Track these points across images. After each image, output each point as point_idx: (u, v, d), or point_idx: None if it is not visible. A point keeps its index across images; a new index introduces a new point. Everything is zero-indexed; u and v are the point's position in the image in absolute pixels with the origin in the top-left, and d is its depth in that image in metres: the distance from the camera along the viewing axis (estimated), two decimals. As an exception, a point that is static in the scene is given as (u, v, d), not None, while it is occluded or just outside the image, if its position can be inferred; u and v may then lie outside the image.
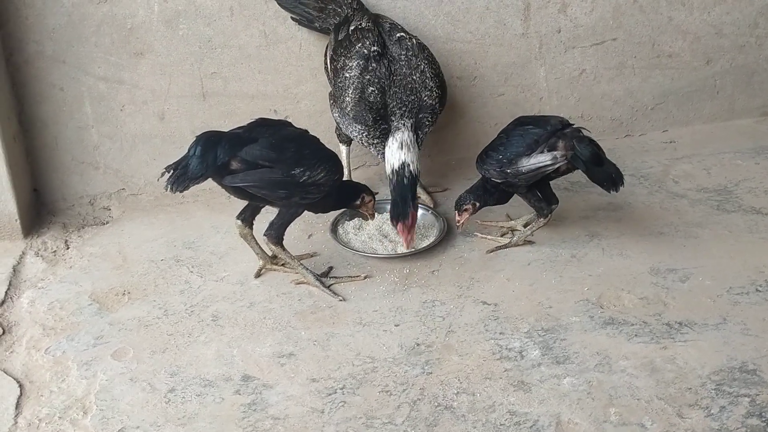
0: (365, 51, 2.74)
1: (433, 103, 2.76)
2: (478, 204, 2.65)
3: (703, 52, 3.50)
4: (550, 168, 2.48)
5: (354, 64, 2.74)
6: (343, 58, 2.79)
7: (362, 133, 2.75)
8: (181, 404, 2.10)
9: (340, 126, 2.89)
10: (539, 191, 2.63)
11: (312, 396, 2.12)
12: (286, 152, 2.33)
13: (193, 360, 2.26)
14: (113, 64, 2.97)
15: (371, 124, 2.71)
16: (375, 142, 2.74)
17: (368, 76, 2.71)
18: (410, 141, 2.70)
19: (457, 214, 2.68)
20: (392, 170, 2.68)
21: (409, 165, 2.66)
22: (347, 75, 2.75)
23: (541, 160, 2.47)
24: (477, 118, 3.36)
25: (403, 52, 2.77)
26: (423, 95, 2.74)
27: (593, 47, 3.37)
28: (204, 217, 3.00)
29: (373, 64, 2.72)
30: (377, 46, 2.75)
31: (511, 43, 3.28)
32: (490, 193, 2.66)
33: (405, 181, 2.65)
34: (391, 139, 2.71)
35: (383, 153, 2.73)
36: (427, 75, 2.76)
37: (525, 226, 2.80)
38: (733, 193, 3.07)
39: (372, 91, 2.70)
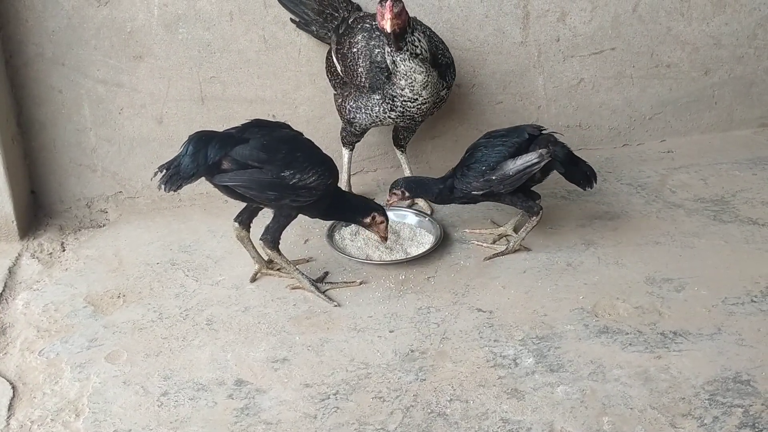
0: (367, 25, 2.78)
1: (448, 62, 2.79)
2: (407, 194, 2.75)
3: (701, 62, 3.51)
4: (537, 167, 2.55)
5: (359, 38, 2.77)
6: (347, 40, 2.81)
7: (382, 102, 2.72)
8: (174, 408, 2.10)
9: (357, 117, 2.84)
10: (523, 193, 2.68)
11: (305, 401, 2.12)
12: (277, 154, 2.33)
13: (187, 364, 2.26)
14: (112, 68, 2.98)
15: (386, 81, 2.69)
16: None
17: (374, 42, 2.73)
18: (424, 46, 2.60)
19: (388, 194, 2.78)
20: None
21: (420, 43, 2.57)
22: (354, 50, 2.77)
23: (528, 159, 2.55)
24: (476, 126, 3.36)
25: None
26: (436, 53, 2.73)
27: (592, 56, 3.38)
28: (201, 220, 3.00)
29: (377, 32, 2.72)
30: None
31: (510, 52, 3.29)
32: (427, 190, 2.73)
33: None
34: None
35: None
36: (434, 40, 2.79)
37: (515, 230, 2.81)
38: (729, 203, 3.07)
39: (379, 52, 2.71)
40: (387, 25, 2.47)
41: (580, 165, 2.67)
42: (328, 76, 3.02)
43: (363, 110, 2.81)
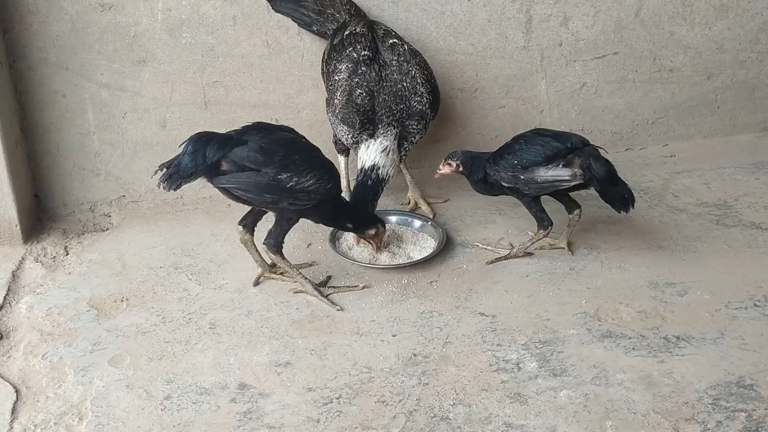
0: (355, 55, 2.77)
1: (423, 108, 2.79)
2: (462, 169, 2.69)
3: (704, 67, 3.52)
4: (566, 184, 2.49)
5: (343, 67, 2.77)
6: (335, 61, 2.82)
7: (348, 134, 2.78)
8: (177, 412, 2.10)
9: (332, 127, 2.90)
10: (557, 197, 2.64)
11: (308, 405, 2.12)
12: (274, 156, 2.33)
13: (190, 367, 2.26)
14: (116, 72, 2.98)
15: (358, 127, 2.74)
16: (359, 143, 2.79)
17: (357, 79, 2.74)
18: (391, 148, 2.75)
19: (442, 163, 2.74)
20: (362, 168, 2.75)
21: (379, 168, 2.73)
22: (337, 78, 2.79)
23: (559, 174, 2.48)
24: (478, 130, 3.37)
25: (395, 58, 2.79)
26: (413, 102, 2.76)
27: (594, 61, 3.39)
28: (204, 224, 3.00)
29: (363, 68, 2.75)
30: (368, 50, 2.78)
31: (513, 56, 3.29)
32: (474, 172, 2.67)
33: (369, 182, 2.73)
34: (373, 140, 2.75)
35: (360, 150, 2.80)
36: (418, 81, 2.79)
37: (567, 244, 2.78)
38: (732, 207, 3.07)
39: (360, 93, 2.73)
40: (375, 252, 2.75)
41: (619, 186, 2.51)
42: (322, 76, 3.02)
43: (336, 128, 2.84)
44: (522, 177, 2.52)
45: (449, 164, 2.70)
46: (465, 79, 3.28)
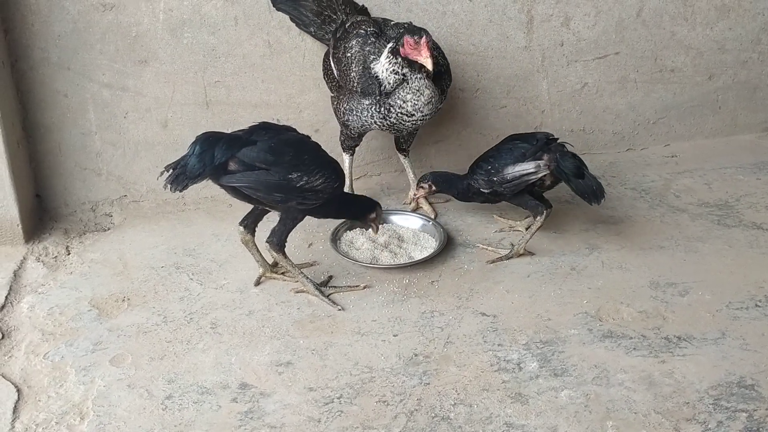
0: (362, 31, 2.80)
1: (440, 70, 2.78)
2: (434, 188, 2.86)
3: (705, 67, 3.52)
4: (533, 177, 2.60)
5: (353, 43, 2.79)
6: (343, 45, 2.82)
7: (372, 107, 2.73)
8: (178, 411, 2.10)
9: (350, 119, 2.85)
10: (530, 194, 2.71)
11: (309, 405, 2.12)
12: (284, 156, 2.34)
13: (191, 367, 2.26)
14: (117, 72, 2.99)
15: (378, 93, 2.70)
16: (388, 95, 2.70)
17: (368, 48, 2.76)
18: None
19: (416, 188, 2.94)
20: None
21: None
22: (348, 55, 2.79)
23: (524, 167, 2.61)
24: (479, 130, 3.37)
25: (400, 30, 2.80)
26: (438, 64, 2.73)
27: (596, 61, 3.39)
28: (205, 224, 3.01)
29: (372, 39, 2.77)
30: (374, 28, 2.81)
31: (514, 56, 3.30)
32: (452, 186, 2.85)
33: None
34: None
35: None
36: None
37: (526, 228, 2.84)
38: (734, 208, 3.07)
39: (374, 58, 2.71)
40: (429, 65, 2.53)
41: (586, 178, 2.62)
42: (325, 78, 3.03)
43: (354, 113, 2.82)
44: (495, 179, 2.66)
45: (422, 187, 2.89)
46: (466, 79, 3.28)
